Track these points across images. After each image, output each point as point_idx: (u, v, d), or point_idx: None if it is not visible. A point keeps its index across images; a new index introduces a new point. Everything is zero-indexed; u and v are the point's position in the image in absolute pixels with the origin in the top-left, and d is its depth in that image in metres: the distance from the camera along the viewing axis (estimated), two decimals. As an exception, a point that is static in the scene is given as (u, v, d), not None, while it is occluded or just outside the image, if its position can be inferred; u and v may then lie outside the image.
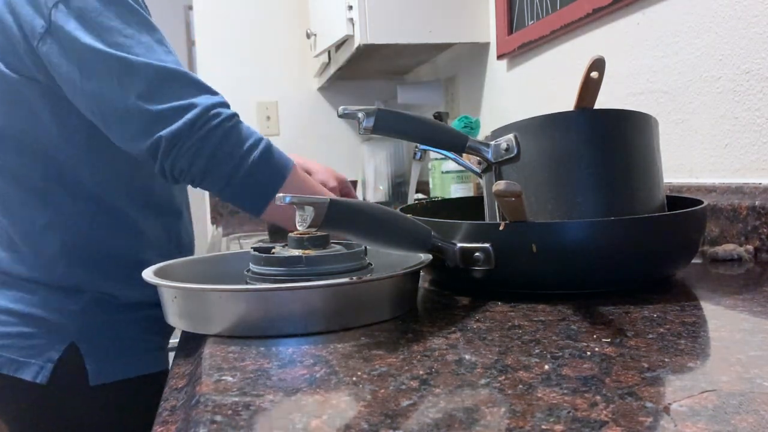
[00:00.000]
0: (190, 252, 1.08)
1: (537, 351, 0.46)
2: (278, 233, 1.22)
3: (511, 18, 1.57)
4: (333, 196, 0.85)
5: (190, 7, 2.71)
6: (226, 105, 0.84)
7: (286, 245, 0.64)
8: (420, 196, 1.82)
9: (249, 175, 0.83)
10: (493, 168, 0.71)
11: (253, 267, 0.63)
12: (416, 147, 1.23)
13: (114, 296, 0.93)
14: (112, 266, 0.93)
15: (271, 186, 0.84)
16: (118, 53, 0.80)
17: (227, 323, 0.54)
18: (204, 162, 0.81)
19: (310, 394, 0.39)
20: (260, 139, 0.84)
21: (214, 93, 0.84)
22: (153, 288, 0.60)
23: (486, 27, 1.75)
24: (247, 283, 0.62)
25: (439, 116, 1.82)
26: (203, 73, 2.54)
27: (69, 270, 0.91)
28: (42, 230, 0.91)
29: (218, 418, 0.37)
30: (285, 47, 2.58)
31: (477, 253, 0.62)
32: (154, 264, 0.67)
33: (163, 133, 0.79)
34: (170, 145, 0.80)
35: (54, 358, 0.89)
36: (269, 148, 0.85)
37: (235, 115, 0.84)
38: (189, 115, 0.79)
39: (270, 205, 0.85)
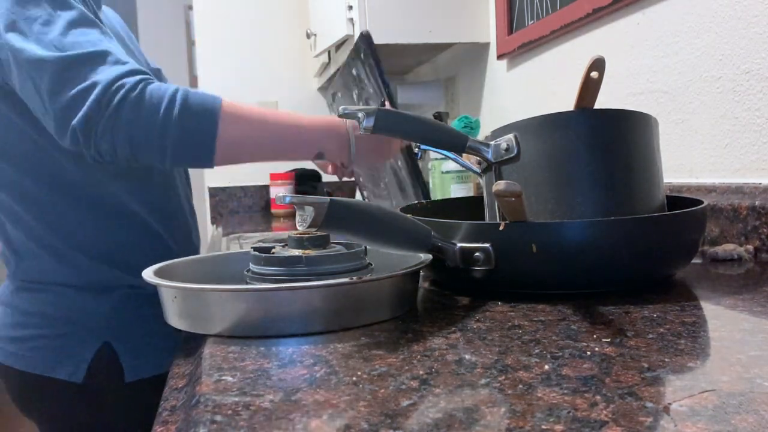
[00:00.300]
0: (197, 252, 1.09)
1: (537, 351, 0.46)
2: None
3: (511, 18, 1.57)
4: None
5: (190, 7, 2.71)
6: (130, 73, 0.80)
7: (286, 245, 0.64)
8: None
9: (180, 133, 0.79)
10: (493, 168, 0.71)
11: (253, 267, 0.63)
12: (416, 147, 1.23)
13: (141, 288, 0.94)
14: (134, 259, 0.94)
15: (207, 133, 0.81)
16: (28, 53, 0.79)
17: (227, 323, 0.54)
18: (125, 138, 0.78)
19: (310, 394, 0.39)
20: (174, 93, 0.80)
21: (117, 63, 0.80)
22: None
23: (486, 27, 1.75)
24: (247, 283, 0.62)
25: (439, 116, 1.82)
26: (203, 73, 2.54)
27: (93, 269, 0.93)
28: (58, 236, 0.92)
29: (218, 418, 0.37)
30: (285, 47, 2.58)
31: (477, 253, 0.62)
32: (176, 252, 0.67)
33: (74, 122, 0.77)
34: (85, 133, 0.77)
35: (88, 357, 0.91)
36: (186, 98, 0.81)
37: (140, 81, 0.80)
38: (92, 96, 0.77)
39: (216, 153, 0.82)
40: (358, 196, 2.46)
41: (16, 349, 0.93)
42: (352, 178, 1.05)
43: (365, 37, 1.14)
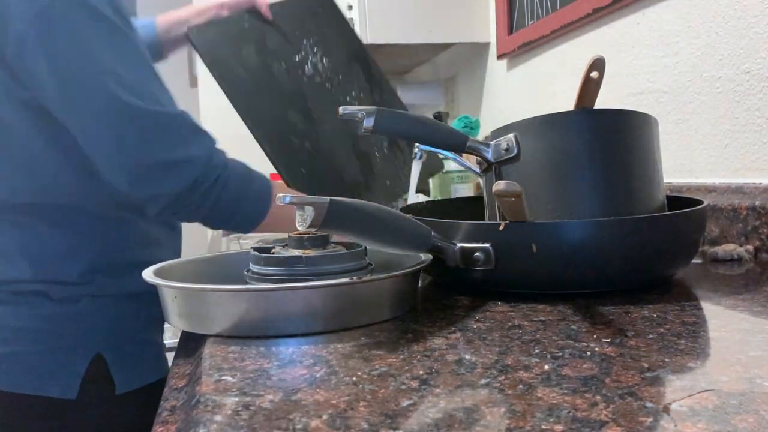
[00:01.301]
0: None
1: (537, 351, 0.46)
2: None
3: (511, 18, 1.57)
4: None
5: (190, 7, 2.71)
6: (216, 151, 0.86)
7: (287, 245, 0.64)
8: (421, 197, 1.82)
9: (244, 214, 0.88)
10: (493, 168, 0.71)
11: (253, 267, 0.63)
12: (416, 147, 1.23)
13: (132, 295, 0.92)
14: (128, 269, 0.91)
15: (259, 215, 0.90)
16: (112, 93, 0.77)
17: (227, 323, 0.54)
18: (212, 214, 0.85)
19: (310, 394, 0.39)
20: (248, 174, 0.88)
21: (199, 132, 0.85)
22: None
23: (486, 27, 1.75)
24: (247, 283, 0.62)
25: (439, 116, 1.82)
26: (203, 75, 2.53)
27: (87, 278, 0.89)
28: (54, 247, 0.88)
29: (218, 418, 0.37)
30: (285, 47, 2.58)
31: (477, 253, 0.62)
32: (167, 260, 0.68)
33: (166, 189, 0.80)
34: (177, 202, 0.81)
35: (81, 371, 0.87)
36: (266, 185, 0.90)
37: (224, 164, 0.85)
38: (191, 173, 0.81)
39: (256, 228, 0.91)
40: (358, 196, 2.46)
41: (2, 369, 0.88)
42: None
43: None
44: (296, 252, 0.62)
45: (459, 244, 0.63)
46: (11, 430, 0.90)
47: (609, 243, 0.61)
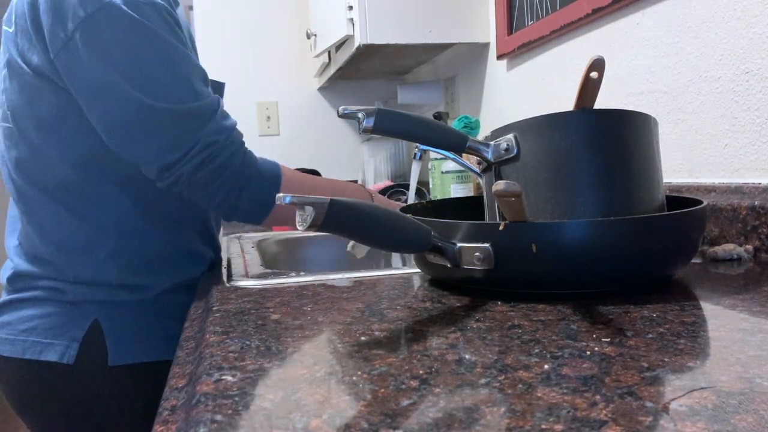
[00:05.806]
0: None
1: (537, 351, 0.46)
2: None
3: (511, 18, 1.57)
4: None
5: (191, 7, 2.71)
6: (227, 137, 0.89)
7: None
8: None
9: (249, 202, 0.91)
10: (493, 168, 0.71)
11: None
12: (416, 147, 1.23)
13: (139, 286, 0.94)
14: (144, 260, 0.95)
15: (267, 205, 0.92)
16: (137, 95, 0.83)
17: None
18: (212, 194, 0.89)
19: (310, 394, 0.39)
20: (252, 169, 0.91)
21: (214, 119, 0.88)
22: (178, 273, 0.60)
23: (486, 27, 1.75)
24: None
25: (439, 116, 1.82)
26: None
27: (101, 269, 0.92)
28: (70, 235, 0.92)
29: (218, 417, 0.37)
30: (285, 47, 2.58)
31: (477, 253, 0.62)
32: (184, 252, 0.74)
33: (183, 170, 0.86)
34: (189, 182, 0.87)
35: (78, 336, 0.90)
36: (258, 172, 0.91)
37: (236, 151, 0.89)
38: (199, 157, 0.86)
39: (268, 218, 0.93)
40: (358, 196, 2.46)
41: (5, 334, 0.92)
42: None
43: None
44: None
45: (459, 244, 0.63)
46: (16, 393, 0.95)
47: (609, 243, 0.61)
